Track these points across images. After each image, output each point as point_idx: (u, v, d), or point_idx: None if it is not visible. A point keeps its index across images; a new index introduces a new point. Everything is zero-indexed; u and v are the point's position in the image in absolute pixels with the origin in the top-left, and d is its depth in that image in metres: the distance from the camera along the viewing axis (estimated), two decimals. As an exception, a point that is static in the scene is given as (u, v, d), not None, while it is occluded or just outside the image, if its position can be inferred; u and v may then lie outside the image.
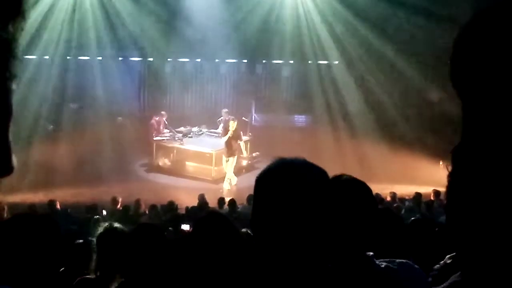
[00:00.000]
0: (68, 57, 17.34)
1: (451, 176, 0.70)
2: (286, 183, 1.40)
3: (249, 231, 3.97)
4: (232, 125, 13.51)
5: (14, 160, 0.69)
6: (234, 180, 13.80)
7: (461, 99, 0.70)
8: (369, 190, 1.84)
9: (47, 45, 16.64)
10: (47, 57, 16.93)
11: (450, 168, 0.70)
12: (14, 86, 0.68)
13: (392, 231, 2.86)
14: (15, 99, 0.69)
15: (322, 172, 1.45)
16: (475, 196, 0.65)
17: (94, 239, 3.38)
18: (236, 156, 13.74)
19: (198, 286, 2.54)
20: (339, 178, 1.82)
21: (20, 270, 2.30)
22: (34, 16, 15.13)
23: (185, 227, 7.75)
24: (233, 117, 14.15)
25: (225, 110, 14.75)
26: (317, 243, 1.41)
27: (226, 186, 13.73)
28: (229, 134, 13.42)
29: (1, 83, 0.65)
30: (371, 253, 1.79)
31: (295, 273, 1.38)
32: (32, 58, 15.85)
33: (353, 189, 1.81)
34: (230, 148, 13.53)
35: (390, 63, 16.78)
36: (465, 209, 0.67)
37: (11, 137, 0.69)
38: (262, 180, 1.45)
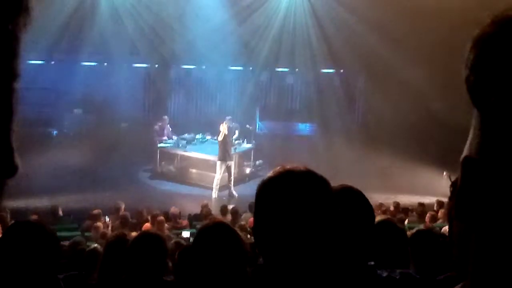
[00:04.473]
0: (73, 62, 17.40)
1: (460, 185, 0.67)
2: (286, 191, 1.39)
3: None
4: (224, 127, 13.32)
5: (18, 161, 0.68)
6: (234, 193, 13.47)
7: (478, 110, 0.65)
8: (365, 198, 1.83)
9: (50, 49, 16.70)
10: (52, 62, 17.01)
11: (459, 177, 0.67)
12: (16, 85, 0.67)
13: (395, 241, 2.85)
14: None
15: (323, 181, 1.44)
16: (489, 206, 0.63)
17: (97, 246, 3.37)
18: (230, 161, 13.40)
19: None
20: (335, 187, 1.81)
21: (18, 277, 2.29)
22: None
23: (185, 234, 7.76)
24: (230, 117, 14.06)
25: (228, 117, 14.74)
26: (319, 252, 1.40)
27: (214, 194, 13.27)
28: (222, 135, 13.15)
29: (4, 83, 0.64)
30: (372, 263, 1.78)
31: (297, 282, 1.37)
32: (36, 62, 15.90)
33: (348, 198, 1.80)
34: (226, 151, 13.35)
35: (394, 72, 16.74)
36: (476, 219, 0.65)
37: (15, 138, 0.67)
38: (263, 189, 1.44)
